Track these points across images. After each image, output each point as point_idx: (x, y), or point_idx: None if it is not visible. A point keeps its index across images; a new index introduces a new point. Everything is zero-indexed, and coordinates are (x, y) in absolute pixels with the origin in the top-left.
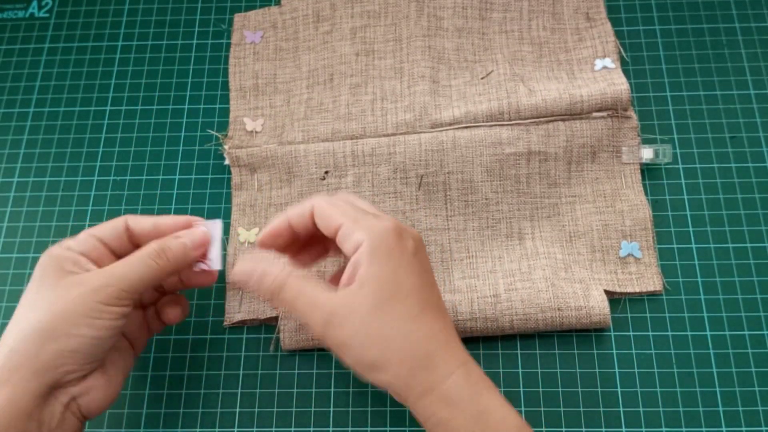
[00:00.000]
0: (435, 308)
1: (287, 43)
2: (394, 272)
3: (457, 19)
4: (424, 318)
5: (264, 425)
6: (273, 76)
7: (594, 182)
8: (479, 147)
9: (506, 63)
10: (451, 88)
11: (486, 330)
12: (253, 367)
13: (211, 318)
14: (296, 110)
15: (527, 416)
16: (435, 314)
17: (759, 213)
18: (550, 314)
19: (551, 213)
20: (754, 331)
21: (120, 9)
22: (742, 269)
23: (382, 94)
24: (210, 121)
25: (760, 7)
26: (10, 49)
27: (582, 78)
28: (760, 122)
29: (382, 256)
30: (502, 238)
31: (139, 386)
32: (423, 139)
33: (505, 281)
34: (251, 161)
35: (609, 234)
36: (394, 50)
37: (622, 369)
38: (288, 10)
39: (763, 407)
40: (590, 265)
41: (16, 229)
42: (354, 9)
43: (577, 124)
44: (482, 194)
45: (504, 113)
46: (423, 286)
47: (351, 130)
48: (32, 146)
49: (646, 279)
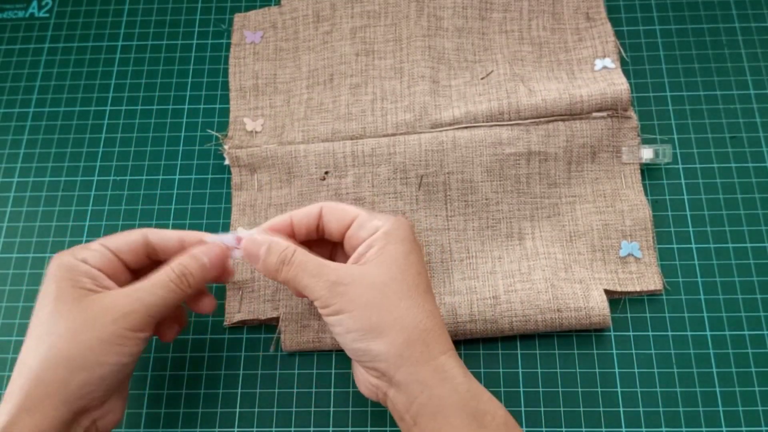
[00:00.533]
0: (434, 296)
1: (287, 43)
2: (407, 254)
3: (457, 19)
4: (428, 297)
5: (264, 425)
6: (273, 76)
7: (594, 182)
8: (479, 147)
9: (506, 63)
10: (451, 88)
11: (486, 332)
12: (253, 367)
13: (211, 318)
14: (296, 110)
15: (527, 416)
16: (434, 300)
17: (759, 213)
18: (550, 315)
19: (551, 213)
20: (754, 331)
21: (120, 9)
22: (742, 269)
23: (382, 94)
24: (210, 121)
25: (760, 7)
26: (10, 49)
27: (582, 78)
28: (760, 122)
29: (398, 239)
30: (502, 238)
31: (139, 386)
32: (423, 139)
33: (504, 282)
34: (251, 161)
35: (609, 234)
36: (394, 50)
37: (622, 369)
38: (288, 10)
39: (763, 407)
40: (590, 264)
41: (16, 229)
42: (354, 9)
43: (577, 124)
44: (482, 194)
45: (504, 113)
46: (425, 272)
47: (351, 130)
48: (32, 146)
49: (647, 278)
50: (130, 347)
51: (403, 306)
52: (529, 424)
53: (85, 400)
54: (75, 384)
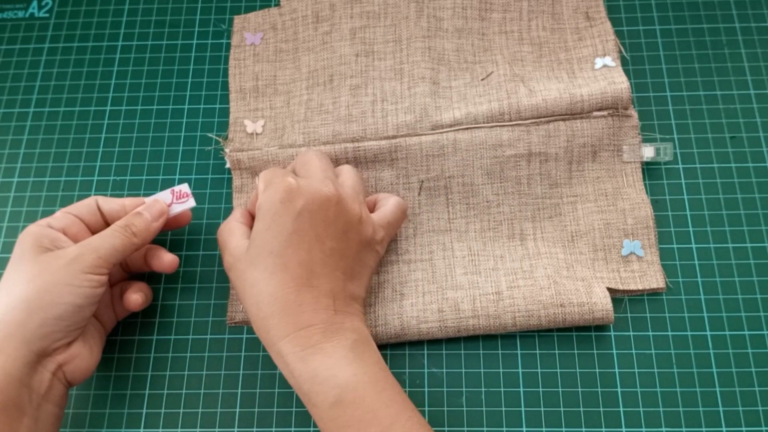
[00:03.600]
0: (299, 270)
1: (287, 44)
2: (263, 233)
3: (456, 19)
4: (273, 280)
5: (264, 425)
6: (273, 77)
7: (595, 181)
8: (480, 150)
9: (506, 64)
10: (451, 89)
11: (489, 327)
12: (253, 367)
13: (211, 318)
14: (296, 111)
15: (527, 416)
16: (293, 276)
17: (759, 213)
18: (553, 311)
19: (553, 213)
20: (754, 331)
21: (120, 9)
22: (742, 269)
23: (382, 96)
24: (210, 121)
25: (760, 7)
26: (10, 49)
27: (582, 77)
28: (760, 122)
29: (261, 219)
30: (504, 239)
31: (138, 386)
32: (424, 143)
33: (507, 279)
34: (252, 164)
35: (611, 233)
36: (394, 51)
37: (622, 369)
38: (287, 11)
39: (763, 407)
40: (592, 264)
41: (16, 229)
42: (353, 9)
43: (578, 123)
44: (483, 197)
45: (504, 114)
46: (290, 247)
47: (352, 131)
48: (32, 146)
49: (649, 276)
50: (83, 288)
51: (256, 291)
52: (529, 424)
53: (45, 341)
54: (33, 323)
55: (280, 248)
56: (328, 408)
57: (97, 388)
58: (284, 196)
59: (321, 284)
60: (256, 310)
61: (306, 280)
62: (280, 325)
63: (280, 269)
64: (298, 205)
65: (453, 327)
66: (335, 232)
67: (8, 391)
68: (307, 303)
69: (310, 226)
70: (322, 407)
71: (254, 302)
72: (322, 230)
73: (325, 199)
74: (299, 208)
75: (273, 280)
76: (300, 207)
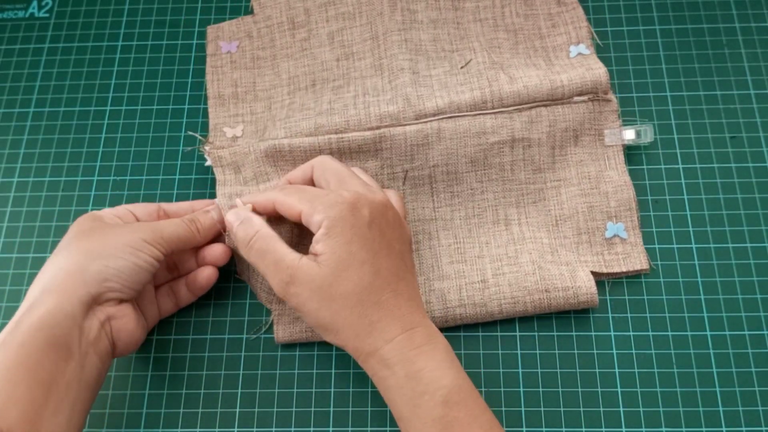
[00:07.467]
0: (388, 275)
1: (264, 51)
2: (347, 245)
3: (430, 11)
4: (372, 287)
5: (264, 425)
6: (252, 84)
7: (578, 165)
8: (464, 138)
9: (483, 51)
10: (431, 78)
11: (476, 316)
12: (253, 367)
13: (212, 318)
14: (278, 113)
15: (527, 416)
16: (386, 282)
17: (759, 213)
18: (538, 296)
19: (537, 198)
20: (754, 331)
21: (120, 9)
22: (742, 269)
23: (364, 91)
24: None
25: (760, 7)
26: (10, 49)
27: (559, 64)
28: (760, 122)
29: (337, 233)
30: (489, 225)
31: (139, 386)
32: (408, 134)
33: (492, 266)
34: (234, 159)
35: (594, 216)
36: (372, 48)
37: (622, 369)
38: (262, 19)
39: (763, 407)
40: (577, 247)
41: (16, 229)
42: (328, 13)
43: (559, 109)
44: (467, 185)
45: (487, 102)
46: (377, 255)
47: (334, 123)
48: (32, 146)
49: (633, 258)
50: (143, 254)
51: (351, 302)
52: (529, 424)
53: (102, 286)
54: (93, 268)
55: (369, 256)
56: (434, 407)
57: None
58: (352, 207)
59: (408, 286)
60: (358, 318)
61: (395, 284)
62: (387, 328)
63: (375, 276)
64: (366, 213)
65: (440, 317)
66: (397, 234)
67: (62, 326)
68: (405, 306)
69: (380, 232)
70: (426, 407)
71: (356, 311)
72: (389, 234)
73: (382, 204)
74: (369, 217)
75: (373, 287)
76: (368, 216)
